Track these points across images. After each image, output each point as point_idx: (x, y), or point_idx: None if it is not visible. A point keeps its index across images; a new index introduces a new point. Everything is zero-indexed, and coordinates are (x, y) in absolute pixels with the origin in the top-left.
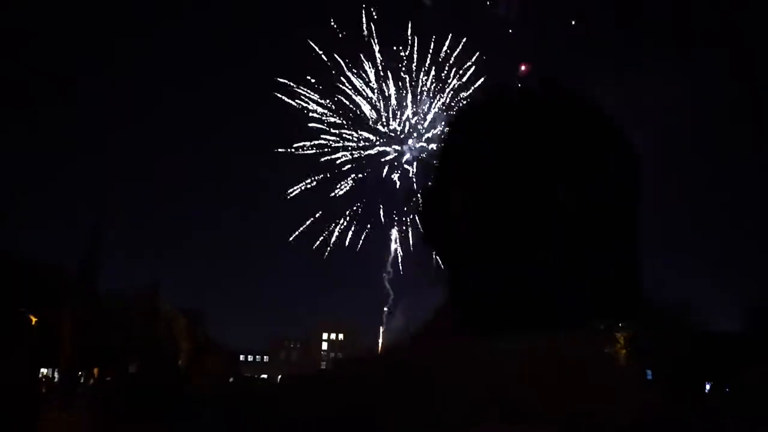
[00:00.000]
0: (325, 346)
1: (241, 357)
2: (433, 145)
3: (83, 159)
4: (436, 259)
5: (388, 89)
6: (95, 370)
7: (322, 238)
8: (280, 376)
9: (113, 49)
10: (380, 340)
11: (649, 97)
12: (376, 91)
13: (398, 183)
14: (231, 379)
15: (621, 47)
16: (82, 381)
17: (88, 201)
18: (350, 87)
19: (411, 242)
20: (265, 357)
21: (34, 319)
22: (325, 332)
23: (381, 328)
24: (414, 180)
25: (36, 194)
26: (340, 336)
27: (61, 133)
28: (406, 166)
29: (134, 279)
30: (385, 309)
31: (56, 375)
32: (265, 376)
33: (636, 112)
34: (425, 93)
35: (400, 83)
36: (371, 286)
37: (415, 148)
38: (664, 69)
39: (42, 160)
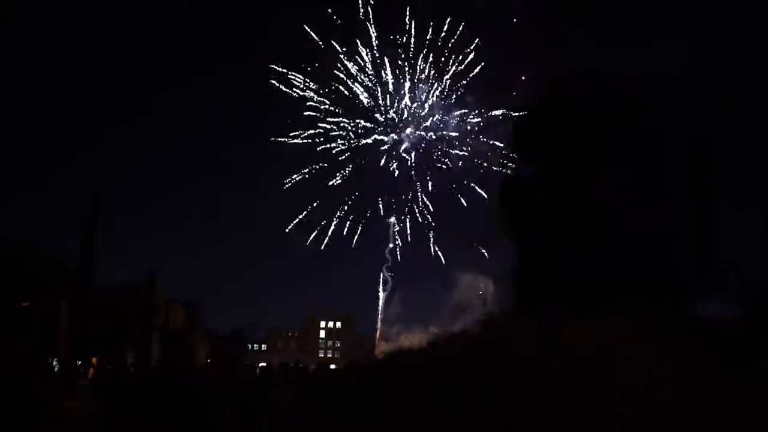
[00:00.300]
0: (322, 334)
1: None
2: (432, 134)
3: (78, 155)
4: (433, 247)
5: (386, 76)
6: (94, 360)
7: (319, 227)
8: (278, 363)
9: (108, 43)
10: (378, 328)
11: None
12: (373, 78)
13: (396, 172)
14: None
15: (620, 34)
16: (81, 370)
17: (84, 195)
18: (346, 74)
19: (408, 231)
20: (263, 345)
21: (37, 312)
22: (323, 321)
23: (378, 316)
24: (413, 168)
25: (33, 188)
26: (338, 324)
27: (57, 127)
28: (404, 154)
29: (132, 271)
30: (383, 297)
31: (55, 364)
32: (263, 364)
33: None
34: (423, 80)
35: (397, 71)
36: (369, 274)
37: (413, 136)
38: (665, 55)
39: (40, 157)
